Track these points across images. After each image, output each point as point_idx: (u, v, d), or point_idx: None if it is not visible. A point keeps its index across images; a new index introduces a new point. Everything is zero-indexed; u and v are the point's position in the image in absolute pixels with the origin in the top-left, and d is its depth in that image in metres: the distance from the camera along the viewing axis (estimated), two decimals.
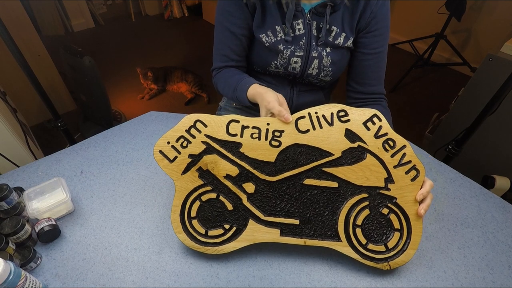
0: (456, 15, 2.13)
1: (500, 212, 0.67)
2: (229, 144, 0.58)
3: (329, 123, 0.58)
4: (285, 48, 0.75)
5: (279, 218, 0.56)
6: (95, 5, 3.29)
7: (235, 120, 0.58)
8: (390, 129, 0.58)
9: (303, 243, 0.54)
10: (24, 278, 0.47)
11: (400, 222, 0.55)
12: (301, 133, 0.58)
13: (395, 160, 0.56)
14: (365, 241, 0.54)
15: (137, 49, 2.93)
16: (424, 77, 2.54)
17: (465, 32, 2.45)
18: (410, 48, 2.66)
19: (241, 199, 0.57)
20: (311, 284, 0.54)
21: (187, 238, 0.55)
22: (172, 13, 3.53)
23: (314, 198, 0.56)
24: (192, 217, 0.57)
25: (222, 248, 0.54)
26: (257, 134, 0.58)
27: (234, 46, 0.80)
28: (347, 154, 0.57)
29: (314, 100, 0.91)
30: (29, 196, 0.62)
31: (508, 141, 1.29)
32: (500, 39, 1.35)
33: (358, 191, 0.56)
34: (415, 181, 0.55)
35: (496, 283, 0.55)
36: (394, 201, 0.56)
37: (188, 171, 0.57)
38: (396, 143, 0.57)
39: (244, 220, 0.56)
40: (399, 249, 0.53)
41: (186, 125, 0.58)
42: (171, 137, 0.58)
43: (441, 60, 2.66)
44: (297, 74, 0.80)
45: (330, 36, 0.75)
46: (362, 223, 0.55)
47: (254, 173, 0.57)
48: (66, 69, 1.80)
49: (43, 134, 1.91)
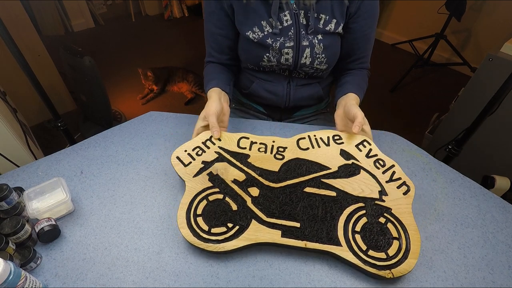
0: (456, 15, 2.13)
1: (500, 212, 0.67)
2: (239, 155, 0.67)
3: (326, 144, 0.69)
4: (274, 41, 0.76)
5: (281, 220, 0.58)
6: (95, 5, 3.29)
7: (245, 137, 0.71)
8: (379, 151, 0.68)
9: (304, 245, 0.55)
10: (24, 278, 0.47)
11: (398, 231, 0.56)
12: (302, 150, 0.69)
13: (386, 176, 0.64)
14: (366, 247, 0.54)
15: (137, 49, 2.93)
16: (424, 77, 2.54)
17: (465, 32, 2.45)
18: (410, 48, 2.66)
19: (246, 201, 0.60)
20: (311, 284, 0.54)
21: (190, 234, 0.56)
22: (172, 13, 3.53)
23: (314, 204, 0.60)
24: (197, 214, 0.58)
25: (224, 245, 0.55)
26: (264, 148, 0.69)
27: (214, 44, 0.85)
28: (343, 169, 0.65)
29: (312, 94, 0.91)
30: (29, 196, 0.62)
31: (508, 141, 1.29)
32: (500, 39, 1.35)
33: (355, 200, 0.60)
34: (407, 195, 0.61)
35: (496, 283, 0.55)
36: (389, 211, 0.58)
37: (200, 175, 0.64)
38: (386, 163, 0.66)
39: (247, 220, 0.58)
40: (400, 258, 0.53)
41: (203, 138, 0.70)
42: (188, 147, 0.68)
43: (441, 60, 2.66)
44: (291, 65, 0.81)
45: (320, 23, 0.75)
46: (361, 230, 0.56)
47: (259, 179, 0.63)
48: (66, 69, 1.80)
49: (43, 134, 1.91)
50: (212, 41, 0.84)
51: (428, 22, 2.54)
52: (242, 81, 0.94)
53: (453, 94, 1.59)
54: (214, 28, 0.81)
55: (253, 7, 0.74)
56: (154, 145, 0.80)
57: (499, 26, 2.23)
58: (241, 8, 0.75)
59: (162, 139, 0.82)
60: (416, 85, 2.45)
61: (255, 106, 0.99)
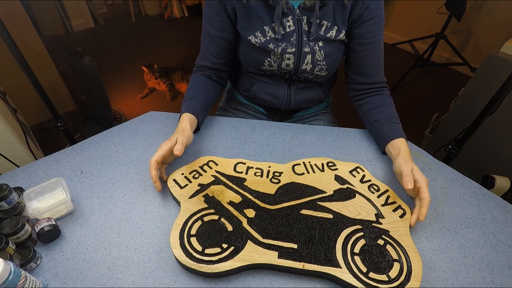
0: (456, 15, 2.13)
1: (500, 212, 0.67)
2: (235, 179, 0.68)
3: (321, 169, 0.71)
4: (276, 46, 0.75)
5: (277, 241, 0.56)
6: (95, 5, 3.29)
7: (242, 162, 0.72)
8: (372, 177, 0.69)
9: (302, 266, 0.53)
10: (24, 278, 0.47)
11: (397, 253, 0.55)
12: (297, 175, 0.69)
13: (381, 200, 0.64)
14: (366, 269, 0.52)
15: (137, 49, 2.93)
16: (424, 77, 2.54)
17: (465, 32, 2.45)
18: (410, 48, 2.66)
19: (241, 222, 0.59)
20: (311, 284, 0.54)
21: (183, 255, 0.54)
22: (172, 13, 3.53)
23: (311, 226, 0.59)
24: (191, 234, 0.57)
25: (217, 266, 0.52)
26: (260, 173, 0.69)
27: (211, 47, 0.82)
28: (338, 193, 0.65)
29: (312, 97, 0.91)
30: (29, 196, 0.62)
31: (508, 141, 1.29)
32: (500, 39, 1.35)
33: (352, 223, 0.60)
34: (403, 218, 0.61)
35: (496, 283, 0.55)
36: (387, 233, 0.58)
37: (195, 196, 0.64)
38: (380, 188, 0.67)
39: (243, 241, 0.56)
40: (402, 280, 0.51)
41: (200, 163, 0.71)
42: (186, 171, 0.69)
43: (441, 60, 2.66)
44: (292, 71, 0.80)
45: (321, 30, 0.74)
46: (360, 252, 0.55)
47: (255, 201, 0.63)
48: (66, 69, 1.80)
49: (43, 134, 1.91)
50: (211, 44, 0.81)
51: (428, 22, 2.54)
52: (242, 83, 0.93)
53: (453, 94, 1.59)
54: (214, 31, 0.78)
55: (256, 12, 0.73)
56: (154, 145, 0.80)
57: (499, 26, 2.23)
58: (244, 12, 0.74)
59: (162, 139, 0.81)
60: (416, 85, 2.45)
61: (255, 107, 0.99)
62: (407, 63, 2.42)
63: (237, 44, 0.82)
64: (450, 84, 2.45)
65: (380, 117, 0.78)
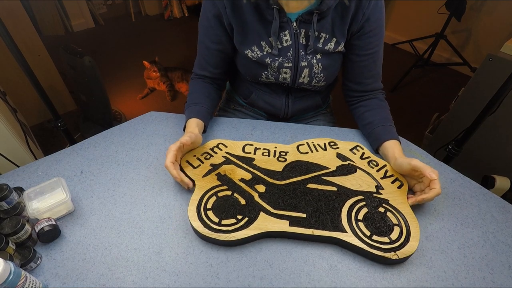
0: (456, 15, 2.13)
1: (500, 212, 0.67)
2: (245, 159, 0.73)
3: (323, 148, 0.76)
4: (272, 60, 0.75)
5: (287, 211, 0.61)
6: (95, 5, 3.29)
7: (250, 144, 0.77)
8: (371, 154, 0.75)
9: (311, 232, 0.58)
10: (24, 278, 0.47)
11: (397, 218, 0.60)
12: (302, 154, 0.75)
13: (380, 173, 0.70)
14: (369, 233, 0.58)
15: (137, 49, 2.93)
16: (424, 77, 2.54)
17: (465, 32, 2.45)
18: (410, 48, 2.66)
19: (253, 196, 0.64)
20: (311, 284, 0.54)
21: (201, 226, 0.58)
22: (172, 13, 3.53)
23: (317, 198, 0.64)
24: (207, 208, 0.62)
25: (234, 235, 0.57)
26: (267, 153, 0.75)
27: (208, 58, 0.81)
28: (340, 169, 0.71)
29: (310, 105, 0.91)
30: (29, 196, 0.62)
31: (508, 141, 1.29)
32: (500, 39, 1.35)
33: (355, 194, 0.65)
34: (401, 189, 0.66)
35: (496, 283, 0.55)
36: (387, 202, 0.63)
37: (208, 175, 0.68)
38: (379, 163, 0.73)
39: (256, 212, 0.61)
40: (402, 241, 0.57)
41: (211, 145, 0.76)
42: (197, 152, 0.74)
43: (441, 60, 2.66)
44: (289, 83, 0.80)
45: (319, 42, 0.73)
46: (363, 218, 0.60)
47: (264, 178, 0.68)
48: (66, 69, 1.80)
49: (43, 134, 1.91)
50: (208, 56, 0.80)
51: (428, 22, 2.54)
52: (241, 90, 0.94)
53: (453, 94, 1.59)
54: (211, 44, 0.78)
55: (253, 27, 0.72)
56: (154, 145, 0.80)
57: (499, 26, 2.23)
58: (240, 27, 0.73)
59: (162, 139, 0.82)
60: (416, 85, 2.45)
61: (255, 109, 0.99)
62: (407, 63, 2.42)
63: (235, 54, 0.82)
64: (450, 84, 2.45)
65: (373, 119, 0.79)
